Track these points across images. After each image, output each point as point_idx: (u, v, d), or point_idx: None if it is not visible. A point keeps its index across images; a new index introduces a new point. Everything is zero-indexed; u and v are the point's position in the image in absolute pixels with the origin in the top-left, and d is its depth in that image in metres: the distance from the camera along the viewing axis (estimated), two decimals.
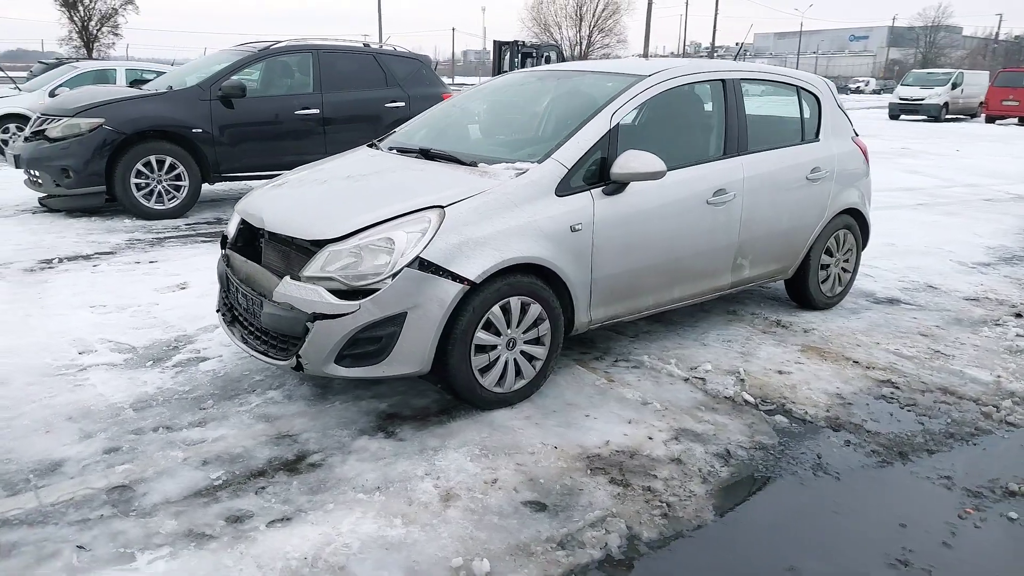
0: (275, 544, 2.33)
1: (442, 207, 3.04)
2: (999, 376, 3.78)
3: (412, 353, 2.97)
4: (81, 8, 42.63)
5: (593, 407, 3.33)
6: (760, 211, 4.09)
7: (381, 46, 9.18)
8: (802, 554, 2.37)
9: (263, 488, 2.64)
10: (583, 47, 54.65)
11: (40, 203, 7.47)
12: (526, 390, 3.34)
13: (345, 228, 2.99)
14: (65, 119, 6.85)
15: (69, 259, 5.65)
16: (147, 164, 6.96)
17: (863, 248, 5.01)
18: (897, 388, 3.65)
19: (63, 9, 42.05)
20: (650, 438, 3.07)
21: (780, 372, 3.80)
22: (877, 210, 6.63)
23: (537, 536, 2.41)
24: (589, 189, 3.38)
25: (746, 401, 3.44)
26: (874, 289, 5.33)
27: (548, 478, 2.74)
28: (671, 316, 4.56)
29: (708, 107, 4.13)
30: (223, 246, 3.70)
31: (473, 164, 3.45)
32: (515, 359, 3.26)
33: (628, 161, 3.36)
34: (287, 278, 3.02)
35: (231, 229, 3.68)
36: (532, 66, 14.94)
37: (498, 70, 17.54)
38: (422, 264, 2.90)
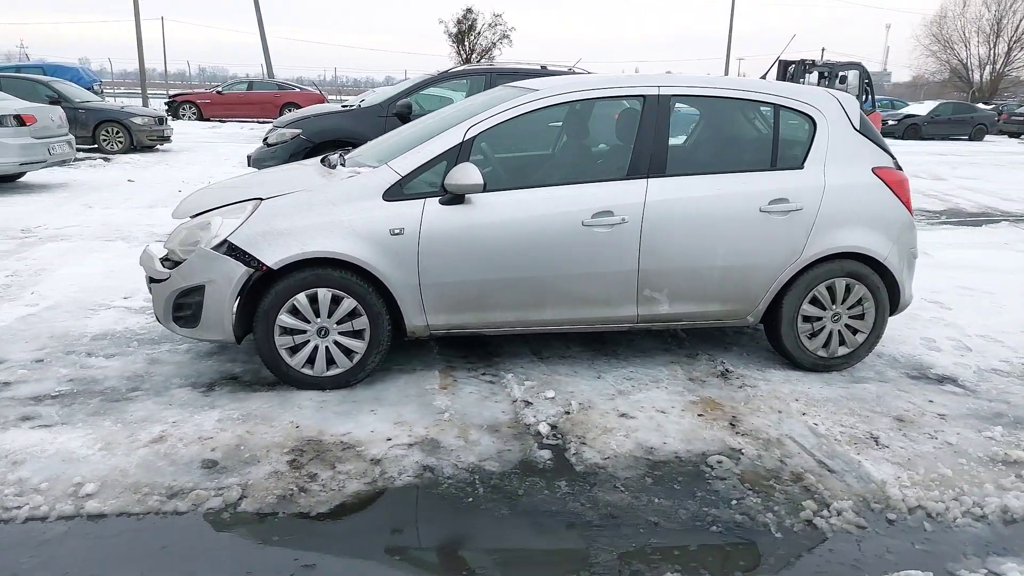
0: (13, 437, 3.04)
1: (261, 199, 3.49)
2: (904, 487, 2.91)
3: (216, 322, 3.47)
4: (467, 42, 49.96)
5: (391, 405, 3.46)
6: (676, 240, 3.68)
7: (571, 68, 9.55)
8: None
9: (72, 402, 3.38)
10: (998, 66, 47.00)
11: None
12: (342, 378, 3.59)
13: (195, 212, 3.61)
14: (279, 129, 8.59)
15: None
16: None
17: (895, 310, 4.06)
18: (733, 461, 3.06)
19: (454, 44, 49.81)
20: (388, 439, 3.14)
21: (624, 415, 3.43)
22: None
23: (173, 483, 2.76)
24: (425, 197, 3.51)
25: (538, 432, 3.24)
26: (935, 362, 4.25)
27: (250, 447, 3.03)
28: (612, 345, 4.30)
29: (619, 124, 3.86)
30: None
31: (333, 167, 3.80)
32: (327, 347, 3.55)
33: (454, 173, 3.42)
34: (156, 247, 3.75)
35: None
36: (826, 87, 13.79)
37: None
38: (230, 246, 3.39)
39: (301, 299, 3.46)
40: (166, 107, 24.86)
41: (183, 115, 24.79)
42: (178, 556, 2.36)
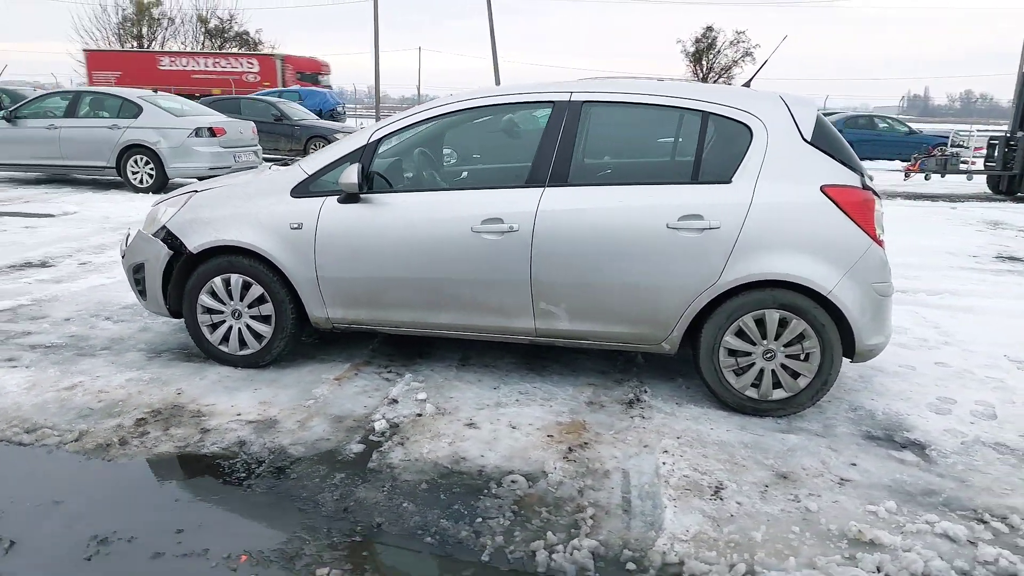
0: None
1: (195, 192, 3.96)
2: (680, 540, 2.55)
3: (154, 297, 4.00)
4: (705, 61, 48.88)
5: (276, 387, 3.73)
6: (570, 253, 3.50)
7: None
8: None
9: (51, 352, 4.10)
10: None
11: None
12: (251, 358, 3.93)
13: (159, 201, 4.20)
14: None
15: None
16: None
17: (854, 356, 3.47)
18: (529, 483, 2.87)
19: (691, 64, 48.97)
20: (238, 414, 3.41)
21: (471, 426, 3.35)
22: None
23: (42, 420, 3.27)
24: (326, 196, 3.74)
25: (373, 428, 3.30)
26: (919, 425, 3.54)
27: (127, 403, 3.48)
28: (549, 360, 4.17)
29: (527, 131, 3.75)
30: None
31: (276, 166, 4.16)
32: (240, 329, 3.91)
33: (339, 174, 3.62)
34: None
35: None
36: None
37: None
38: (167, 231, 3.91)
39: (217, 283, 3.86)
40: None
41: None
42: None
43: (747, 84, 4.06)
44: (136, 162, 10.53)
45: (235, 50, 41.13)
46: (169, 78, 31.01)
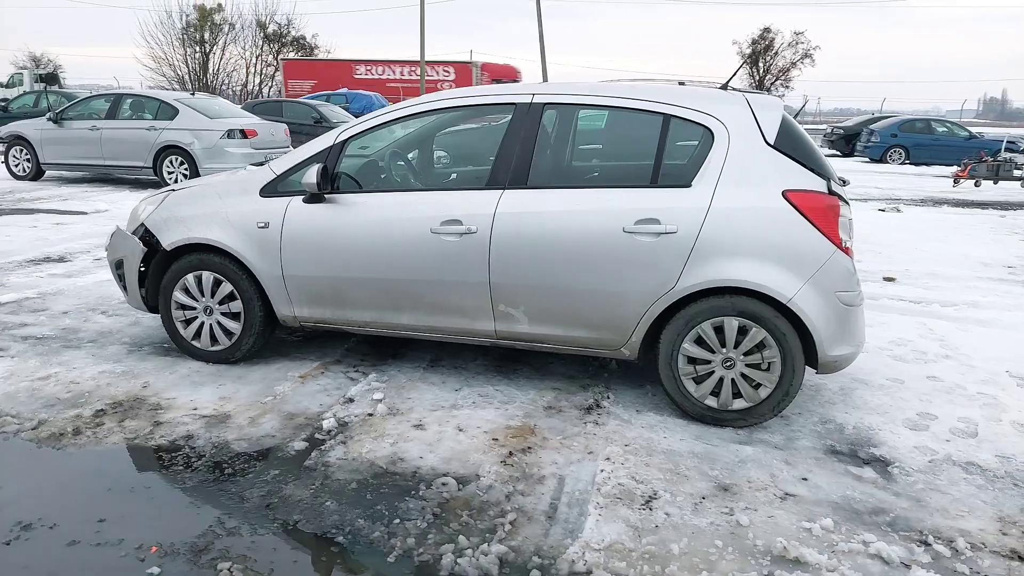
0: None
1: (172, 190, 4.06)
2: (591, 550, 2.49)
3: (133, 292, 4.11)
4: (762, 63, 47.89)
5: (241, 383, 3.79)
6: (528, 256, 3.47)
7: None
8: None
9: (40, 343, 4.26)
10: None
11: None
12: (222, 354, 4.01)
13: (144, 198, 4.32)
14: None
15: None
16: None
17: (818, 367, 3.34)
18: (460, 486, 2.85)
19: (747, 66, 47.96)
20: (195, 408, 3.48)
21: (419, 427, 3.34)
22: None
23: (8, 408, 3.40)
24: (292, 196, 3.79)
25: (321, 427, 3.32)
26: (887, 441, 3.39)
27: (92, 394, 3.59)
28: (520, 364, 4.14)
29: (490, 133, 3.72)
30: None
31: (251, 165, 4.24)
32: (211, 326, 3.99)
33: (300, 174, 3.66)
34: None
35: None
36: None
37: None
38: (145, 228, 4.02)
39: (190, 279, 3.95)
40: None
41: None
42: None
43: (724, 86, 3.95)
44: (172, 162, 10.88)
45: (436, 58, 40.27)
46: (364, 87, 29.52)
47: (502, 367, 4.11)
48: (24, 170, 11.79)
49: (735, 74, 4.04)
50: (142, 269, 4.04)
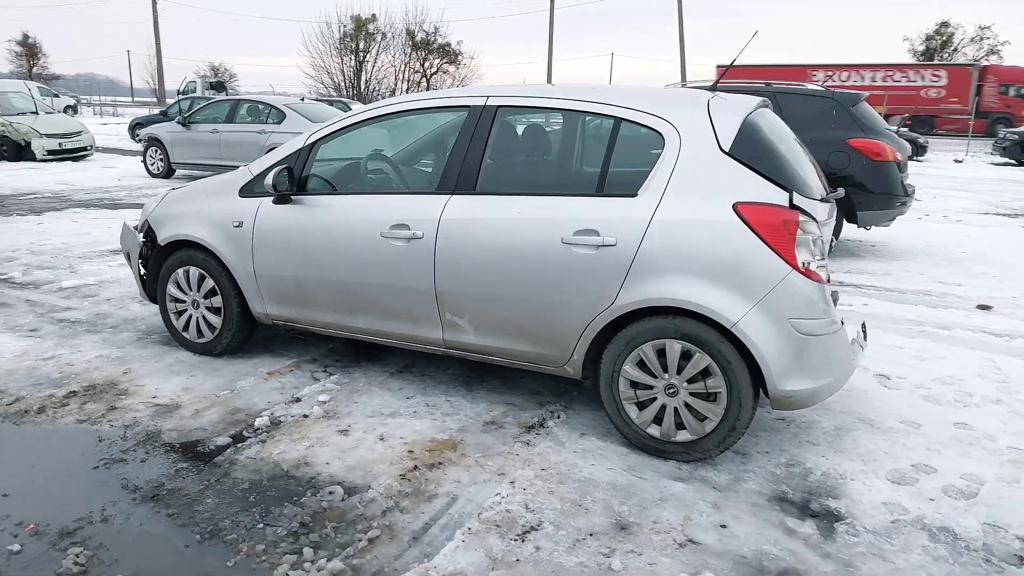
0: None
1: (172, 189, 4.30)
2: (431, 571, 2.36)
3: (137, 284, 4.40)
4: (938, 60, 43.90)
5: (212, 375, 3.95)
6: (471, 263, 3.35)
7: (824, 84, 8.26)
8: None
9: (70, 327, 4.66)
10: None
11: None
12: (206, 346, 4.20)
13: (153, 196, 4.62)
14: None
15: None
16: None
17: (768, 397, 2.99)
18: (346, 495, 2.79)
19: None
20: (153, 396, 3.66)
21: (344, 432, 3.32)
22: None
23: (1, 385, 3.75)
24: (264, 196, 3.90)
25: (253, 424, 3.38)
26: (853, 495, 2.98)
27: (78, 377, 3.87)
28: (490, 376, 4.02)
29: (445, 137, 3.62)
30: None
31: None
32: (198, 319, 4.19)
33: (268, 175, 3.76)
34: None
35: None
36: None
37: None
38: (148, 224, 4.30)
39: (180, 274, 4.17)
40: None
41: None
42: None
43: (713, 87, 3.62)
44: None
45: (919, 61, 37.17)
46: None
47: (470, 378, 4.01)
48: (159, 169, 13.01)
49: (732, 64, 3.70)
50: (142, 263, 4.31)
